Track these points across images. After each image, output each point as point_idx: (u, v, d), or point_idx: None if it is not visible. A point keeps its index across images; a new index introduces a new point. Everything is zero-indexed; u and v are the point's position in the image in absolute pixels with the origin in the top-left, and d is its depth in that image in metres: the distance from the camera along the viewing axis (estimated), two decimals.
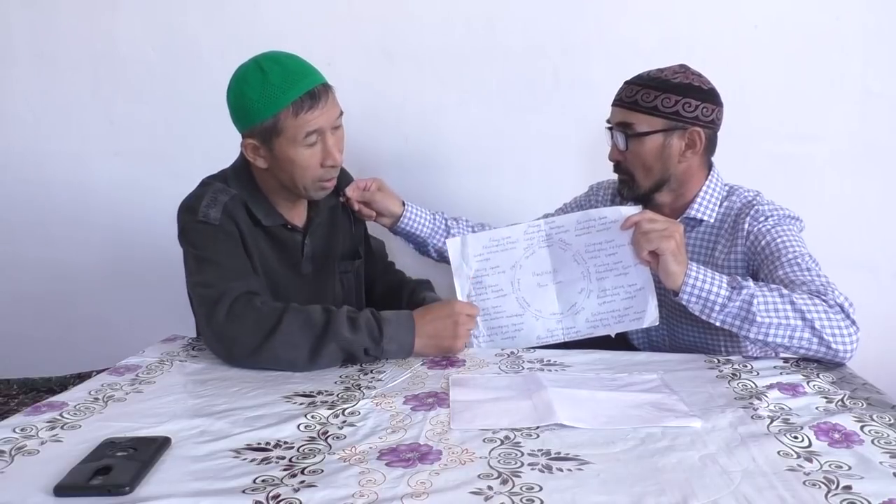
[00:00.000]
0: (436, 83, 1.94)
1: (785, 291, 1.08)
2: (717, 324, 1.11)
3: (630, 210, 1.13)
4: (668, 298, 1.31)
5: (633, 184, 1.31)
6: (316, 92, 1.17)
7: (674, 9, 1.83)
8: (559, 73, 1.89)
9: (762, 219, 1.25)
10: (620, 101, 1.29)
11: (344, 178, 1.39)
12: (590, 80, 1.87)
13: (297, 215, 1.33)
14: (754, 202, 1.28)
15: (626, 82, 1.31)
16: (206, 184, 1.27)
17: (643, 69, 1.33)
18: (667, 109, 1.24)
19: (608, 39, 1.86)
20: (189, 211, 1.21)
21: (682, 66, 1.29)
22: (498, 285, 1.21)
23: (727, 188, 1.34)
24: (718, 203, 1.32)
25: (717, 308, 1.09)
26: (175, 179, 2.00)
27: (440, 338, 1.16)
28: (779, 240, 1.21)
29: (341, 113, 1.22)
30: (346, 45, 1.92)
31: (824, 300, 1.08)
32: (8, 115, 2.11)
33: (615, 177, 1.50)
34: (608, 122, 1.33)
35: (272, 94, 1.15)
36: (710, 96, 1.27)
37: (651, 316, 1.14)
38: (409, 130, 1.98)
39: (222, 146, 1.34)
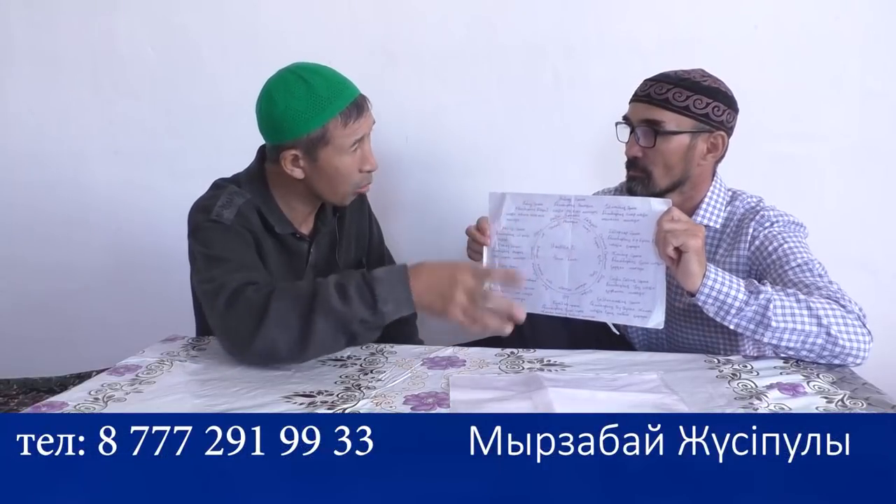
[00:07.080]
0: (436, 83, 1.94)
1: (802, 296, 1.07)
2: (731, 327, 1.09)
3: (659, 204, 1.11)
4: (669, 298, 1.31)
5: (649, 182, 1.28)
6: (359, 101, 1.20)
7: (674, 9, 1.83)
8: (559, 73, 1.89)
9: (768, 224, 1.25)
10: (648, 98, 1.26)
11: None
12: (590, 80, 1.87)
13: (306, 224, 1.33)
14: (758, 207, 1.29)
15: (652, 79, 1.29)
16: (220, 186, 1.26)
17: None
18: (698, 111, 1.24)
19: (608, 39, 1.86)
20: (203, 211, 1.20)
21: (703, 70, 1.28)
22: (519, 247, 1.22)
23: (730, 193, 1.34)
24: (723, 208, 1.32)
25: (732, 311, 1.08)
26: (175, 179, 2.02)
27: (435, 294, 1.03)
28: (785, 245, 1.21)
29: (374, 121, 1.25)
30: (346, 45, 1.92)
31: (842, 306, 1.07)
32: (8, 115, 2.11)
33: (613, 184, 1.50)
34: (625, 117, 1.32)
35: (320, 104, 1.16)
36: (733, 103, 1.28)
37: (656, 318, 1.12)
38: (409, 130, 1.97)
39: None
